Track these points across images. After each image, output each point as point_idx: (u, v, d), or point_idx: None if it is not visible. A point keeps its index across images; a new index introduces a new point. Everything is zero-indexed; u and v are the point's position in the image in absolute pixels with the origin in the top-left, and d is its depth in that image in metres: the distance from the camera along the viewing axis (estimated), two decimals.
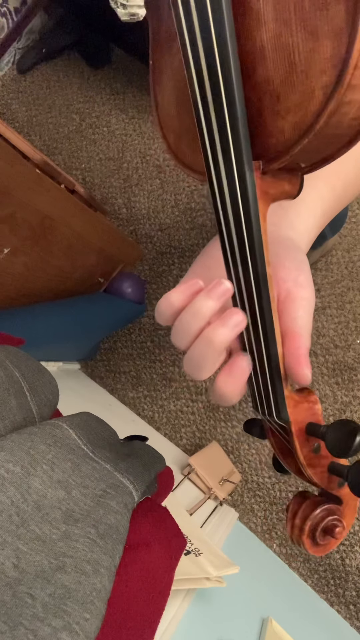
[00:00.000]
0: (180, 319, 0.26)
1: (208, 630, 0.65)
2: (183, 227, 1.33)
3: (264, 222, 0.25)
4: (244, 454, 1.15)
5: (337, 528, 0.29)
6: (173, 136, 0.29)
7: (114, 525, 0.34)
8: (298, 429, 0.28)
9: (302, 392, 0.29)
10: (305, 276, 0.29)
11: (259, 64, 0.22)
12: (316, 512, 0.29)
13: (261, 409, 0.29)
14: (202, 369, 0.26)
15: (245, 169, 0.23)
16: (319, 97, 0.20)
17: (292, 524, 0.30)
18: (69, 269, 1.06)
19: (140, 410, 1.25)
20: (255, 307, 0.26)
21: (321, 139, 0.22)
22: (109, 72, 1.51)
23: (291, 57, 0.21)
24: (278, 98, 0.22)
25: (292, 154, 0.22)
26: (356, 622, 1.00)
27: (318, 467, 0.29)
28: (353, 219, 1.21)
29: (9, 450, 0.34)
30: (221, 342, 0.25)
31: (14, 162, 0.72)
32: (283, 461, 0.31)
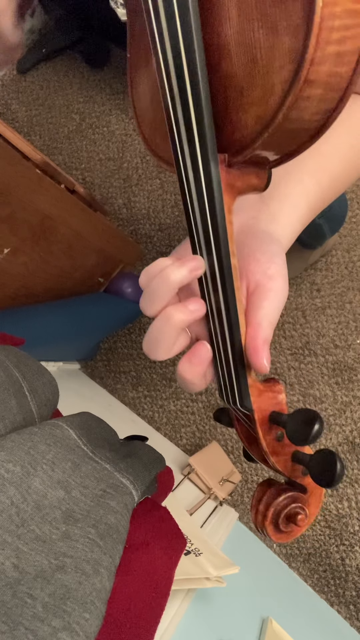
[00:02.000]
0: (151, 281, 0.27)
1: (208, 630, 0.65)
2: (183, 227, 1.33)
3: (229, 214, 0.25)
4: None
5: (300, 515, 0.29)
6: (148, 129, 0.30)
7: (114, 525, 0.34)
8: (261, 417, 0.28)
9: (268, 382, 0.29)
10: (276, 268, 0.29)
11: (224, 58, 0.23)
12: (279, 499, 0.30)
13: (226, 396, 0.29)
14: (158, 346, 0.27)
15: (210, 161, 0.24)
16: (279, 91, 0.21)
17: (256, 510, 0.30)
18: (69, 269, 1.06)
19: (140, 410, 1.25)
20: (220, 297, 0.27)
21: (283, 133, 0.22)
22: (109, 72, 1.51)
23: (253, 52, 0.21)
24: (241, 92, 0.22)
25: (254, 147, 0.23)
26: (356, 622, 1.00)
27: (282, 455, 0.29)
28: (353, 219, 1.21)
29: (9, 450, 0.34)
30: (178, 321, 0.26)
31: (14, 162, 0.72)
32: (249, 449, 0.32)
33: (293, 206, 0.33)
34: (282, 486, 0.31)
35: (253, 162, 0.25)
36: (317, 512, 0.31)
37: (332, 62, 0.20)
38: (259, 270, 0.29)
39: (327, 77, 0.20)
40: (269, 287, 0.29)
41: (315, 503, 0.31)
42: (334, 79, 0.20)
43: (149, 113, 0.29)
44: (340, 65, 0.20)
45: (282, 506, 0.30)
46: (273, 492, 0.30)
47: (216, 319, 0.27)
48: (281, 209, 0.33)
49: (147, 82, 0.28)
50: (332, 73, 0.20)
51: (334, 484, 0.24)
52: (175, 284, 0.26)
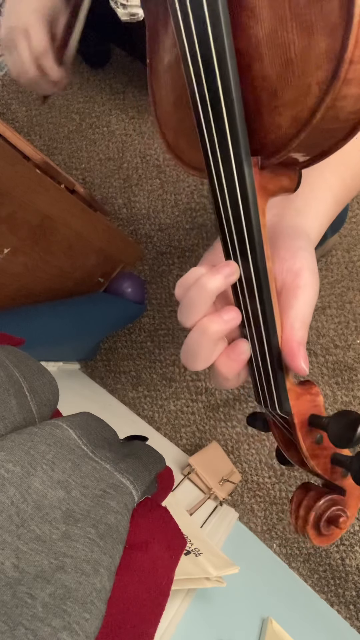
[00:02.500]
0: (188, 292, 0.27)
1: (208, 630, 0.65)
2: (183, 227, 1.33)
3: (263, 217, 0.25)
4: (244, 454, 1.15)
5: (341, 518, 0.29)
6: (171, 134, 0.29)
7: (114, 525, 0.34)
8: (300, 420, 0.28)
9: (304, 385, 0.29)
10: (302, 262, 0.29)
11: (256, 60, 0.22)
12: (320, 502, 0.29)
13: (264, 401, 0.29)
14: (196, 357, 0.27)
15: (244, 164, 0.23)
16: (315, 92, 0.20)
17: (296, 515, 0.30)
18: (69, 269, 1.06)
19: (140, 410, 1.25)
20: (256, 302, 0.26)
21: (318, 134, 0.22)
22: (109, 72, 1.51)
23: (287, 54, 0.21)
24: (275, 94, 0.22)
25: (289, 148, 0.22)
26: (356, 622, 1.00)
27: (321, 458, 0.29)
28: (353, 219, 1.21)
29: (9, 450, 0.34)
30: (214, 332, 0.26)
31: (14, 162, 0.72)
32: (286, 453, 0.31)
33: (318, 200, 0.33)
34: (321, 489, 0.30)
35: (285, 164, 0.25)
36: (356, 513, 0.31)
37: None
38: (284, 267, 0.28)
39: None
40: (296, 284, 0.28)
41: (354, 504, 0.31)
42: None
43: (172, 119, 0.29)
44: None
45: (323, 509, 0.29)
46: (313, 496, 0.30)
47: (252, 324, 0.27)
48: (306, 204, 0.33)
49: (171, 85, 0.28)
50: None
51: None
52: (212, 292, 0.26)
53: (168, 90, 0.28)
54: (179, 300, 0.28)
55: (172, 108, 0.28)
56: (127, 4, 0.96)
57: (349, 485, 0.30)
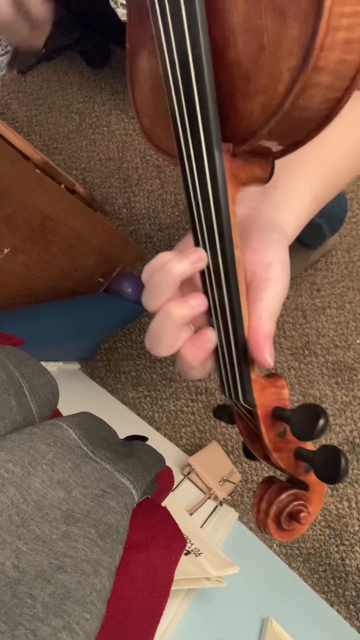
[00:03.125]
0: (153, 276, 0.26)
1: (208, 630, 0.65)
2: (183, 227, 1.33)
3: (232, 205, 0.25)
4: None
5: (302, 513, 0.29)
6: (148, 120, 0.29)
7: (114, 525, 0.34)
8: (264, 412, 0.28)
9: (269, 377, 0.29)
10: (274, 255, 0.28)
11: (229, 45, 0.22)
12: (282, 496, 0.29)
13: (228, 392, 0.29)
14: (160, 342, 0.27)
15: (215, 150, 0.23)
16: (286, 78, 0.20)
17: (258, 508, 0.30)
18: (69, 269, 1.06)
19: (140, 410, 1.25)
20: (223, 290, 0.26)
21: (289, 122, 0.22)
22: (109, 72, 1.51)
23: (260, 39, 0.21)
24: (247, 80, 0.22)
25: (260, 135, 0.22)
26: (356, 622, 1.00)
27: (284, 451, 0.29)
28: (353, 219, 1.21)
29: (9, 450, 0.34)
30: (178, 316, 0.26)
31: (14, 162, 0.72)
32: (250, 446, 0.31)
33: (297, 195, 0.33)
34: (284, 484, 0.30)
35: (257, 152, 0.25)
36: (319, 510, 0.31)
37: (341, 49, 0.19)
38: (255, 259, 0.28)
39: (336, 65, 0.20)
40: (266, 276, 0.28)
41: (317, 500, 0.31)
42: (342, 66, 0.20)
43: (149, 104, 0.29)
44: (349, 52, 0.20)
45: (284, 504, 0.29)
46: (275, 490, 0.30)
47: (219, 313, 0.27)
48: (284, 198, 0.32)
49: (148, 72, 0.28)
50: (341, 60, 0.20)
51: (339, 479, 0.24)
52: (176, 277, 0.26)
53: (146, 75, 0.28)
54: (144, 284, 0.27)
55: (149, 94, 0.28)
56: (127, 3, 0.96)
57: (312, 481, 0.30)
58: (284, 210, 0.32)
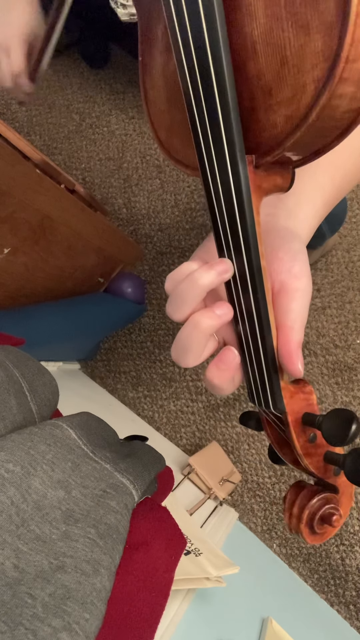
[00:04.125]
0: (179, 286, 0.26)
1: (208, 630, 0.65)
2: (183, 227, 1.33)
3: (257, 216, 0.25)
4: (244, 454, 1.15)
5: (334, 516, 0.29)
6: (164, 132, 0.29)
7: (114, 525, 0.34)
8: (294, 419, 0.28)
9: (297, 383, 0.29)
10: (300, 266, 0.29)
11: (251, 58, 0.22)
12: (313, 500, 0.29)
13: (257, 400, 0.29)
14: (187, 353, 0.27)
15: (239, 163, 0.23)
16: (311, 90, 0.20)
17: (290, 514, 0.30)
18: (69, 269, 1.06)
19: (140, 410, 1.25)
20: (250, 300, 0.26)
21: (313, 132, 0.22)
22: (109, 72, 1.51)
23: (282, 52, 0.21)
24: (270, 92, 0.22)
25: (284, 147, 0.22)
26: (356, 622, 1.00)
27: (314, 456, 0.29)
28: (353, 219, 1.21)
29: (9, 450, 0.34)
30: (206, 327, 0.26)
31: (14, 162, 0.72)
32: (279, 452, 0.31)
33: (309, 201, 0.33)
34: (314, 488, 0.30)
35: (279, 162, 0.25)
36: (348, 511, 0.31)
37: None
38: (283, 269, 0.28)
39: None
40: (295, 286, 0.28)
41: (346, 502, 0.31)
42: None
43: (165, 117, 0.28)
44: None
45: (316, 508, 0.29)
46: (306, 494, 0.30)
47: (247, 323, 0.27)
48: (297, 204, 0.33)
49: (163, 84, 0.28)
50: None
51: None
52: (203, 287, 0.26)
53: (161, 88, 0.28)
54: (168, 294, 0.27)
55: (165, 106, 0.28)
56: (127, 4, 0.96)
57: (342, 484, 0.30)
58: (298, 217, 0.32)
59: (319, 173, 0.34)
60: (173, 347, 0.28)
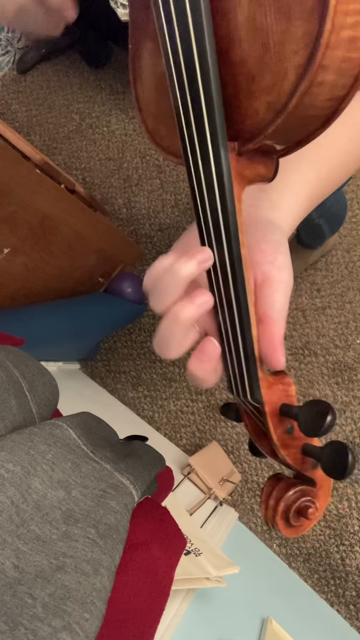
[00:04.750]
0: (161, 279, 0.26)
1: (208, 630, 0.65)
2: (183, 227, 1.33)
3: (239, 203, 0.25)
4: (244, 454, 1.15)
5: (310, 509, 0.29)
6: (151, 119, 0.29)
7: (114, 525, 0.34)
8: (272, 409, 0.28)
9: (276, 374, 0.29)
10: (283, 258, 0.29)
11: (235, 45, 0.22)
12: (289, 493, 0.29)
13: (235, 390, 0.29)
14: (169, 345, 0.27)
15: (221, 149, 0.24)
16: (292, 77, 0.20)
17: (266, 505, 0.30)
18: (69, 269, 1.06)
19: (140, 410, 1.25)
20: (230, 289, 0.26)
21: (295, 120, 0.22)
22: (109, 72, 1.51)
23: (265, 38, 0.21)
24: (253, 78, 0.22)
25: (266, 134, 0.22)
26: (356, 622, 1.00)
27: (292, 448, 0.29)
28: (353, 219, 1.21)
29: (9, 450, 0.34)
30: (185, 318, 0.26)
31: (14, 162, 0.72)
32: (257, 443, 0.32)
33: (293, 194, 0.33)
34: (291, 480, 0.30)
35: (262, 151, 0.25)
36: (326, 505, 0.31)
37: (346, 47, 0.19)
38: (266, 261, 0.28)
39: (340, 63, 0.20)
40: (277, 278, 0.28)
41: (324, 496, 0.31)
42: (346, 64, 0.20)
43: (152, 104, 0.29)
44: (353, 50, 0.20)
45: (292, 500, 0.29)
46: (283, 486, 0.30)
47: (226, 313, 0.27)
48: (281, 197, 0.33)
49: (151, 71, 0.28)
50: (345, 58, 0.20)
51: (346, 475, 0.24)
52: (185, 278, 0.26)
53: (149, 75, 0.28)
54: (147, 290, 0.27)
55: (153, 93, 0.28)
56: (127, 3, 0.96)
57: (320, 477, 0.30)
58: (281, 209, 0.32)
59: (304, 167, 0.34)
60: (155, 340, 0.28)
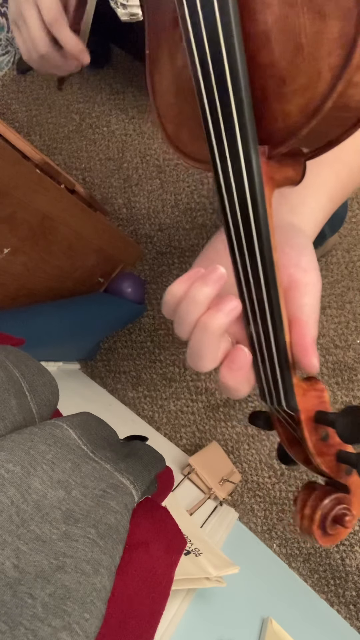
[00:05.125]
0: (180, 307, 0.26)
1: (208, 630, 0.65)
2: (183, 227, 1.33)
3: (269, 208, 0.24)
4: (244, 454, 1.15)
5: (347, 517, 0.29)
6: (172, 126, 0.28)
7: (114, 525, 0.34)
8: (307, 417, 0.27)
9: (309, 380, 0.28)
10: (308, 259, 0.28)
11: (264, 46, 0.22)
12: (325, 501, 0.29)
13: (269, 398, 0.28)
14: (202, 357, 0.26)
15: (252, 154, 0.23)
16: (327, 79, 0.20)
17: (301, 515, 0.29)
18: (69, 269, 1.06)
19: (140, 410, 1.25)
20: (263, 295, 0.26)
21: (328, 122, 0.21)
22: (109, 72, 1.51)
23: (297, 39, 0.20)
24: (284, 81, 0.21)
25: (298, 137, 0.22)
26: (356, 622, 1.00)
27: (326, 455, 0.28)
28: (353, 219, 1.21)
29: (9, 450, 0.34)
30: (216, 327, 0.25)
31: (14, 162, 0.72)
32: (290, 451, 0.31)
33: (314, 197, 0.33)
34: (326, 488, 0.30)
35: (291, 154, 0.24)
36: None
37: None
38: (291, 264, 0.28)
39: None
40: (305, 281, 0.27)
41: (358, 502, 0.30)
42: None
43: (173, 110, 0.28)
44: None
45: (328, 509, 0.29)
46: (318, 495, 0.29)
47: (259, 319, 0.26)
48: (301, 201, 0.32)
49: (172, 76, 0.27)
50: None
51: None
52: (204, 302, 0.25)
53: (169, 80, 0.27)
54: (169, 317, 0.27)
55: (174, 99, 0.28)
56: (127, 3, 0.96)
57: (353, 483, 0.30)
58: (303, 213, 0.32)
59: (325, 169, 0.33)
60: (187, 355, 0.27)
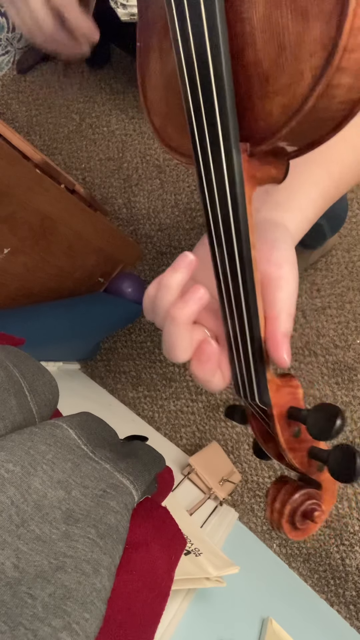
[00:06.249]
0: (156, 297, 0.27)
1: (208, 631, 0.65)
2: (183, 227, 1.33)
3: (249, 205, 0.25)
4: (244, 454, 1.15)
5: (316, 512, 0.29)
6: (159, 119, 0.29)
7: (114, 525, 0.34)
8: (279, 412, 0.28)
9: (284, 377, 0.29)
10: (280, 254, 0.28)
11: (249, 45, 0.22)
12: (295, 496, 0.29)
13: (243, 392, 0.29)
14: (174, 348, 0.27)
15: (233, 151, 0.23)
16: (308, 79, 0.20)
17: (271, 508, 0.30)
18: (69, 269, 1.06)
19: (140, 410, 1.25)
20: (240, 291, 0.26)
21: (308, 122, 0.21)
22: (109, 72, 1.51)
23: (280, 39, 0.21)
24: (267, 80, 0.22)
25: (279, 136, 0.22)
26: (356, 622, 1.00)
27: (298, 451, 0.29)
28: (353, 219, 1.21)
29: (9, 450, 0.34)
30: (182, 317, 0.26)
31: (14, 162, 0.72)
32: (264, 446, 0.31)
33: (302, 194, 0.33)
34: (297, 483, 0.30)
35: (273, 153, 0.24)
36: (331, 508, 0.31)
37: None
38: (262, 259, 0.28)
39: (358, 65, 0.19)
40: (278, 275, 0.28)
41: (329, 499, 0.31)
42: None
43: (161, 103, 0.28)
44: None
45: (298, 503, 0.29)
46: (288, 490, 0.30)
47: (235, 314, 0.27)
48: (288, 198, 0.32)
49: (160, 70, 0.28)
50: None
51: (355, 478, 0.24)
52: (175, 288, 0.26)
53: (157, 74, 0.28)
54: (148, 313, 0.28)
55: (162, 93, 0.28)
56: (127, 4, 0.96)
57: (325, 480, 0.30)
58: (288, 210, 0.32)
59: (314, 167, 0.33)
60: (162, 347, 0.28)
